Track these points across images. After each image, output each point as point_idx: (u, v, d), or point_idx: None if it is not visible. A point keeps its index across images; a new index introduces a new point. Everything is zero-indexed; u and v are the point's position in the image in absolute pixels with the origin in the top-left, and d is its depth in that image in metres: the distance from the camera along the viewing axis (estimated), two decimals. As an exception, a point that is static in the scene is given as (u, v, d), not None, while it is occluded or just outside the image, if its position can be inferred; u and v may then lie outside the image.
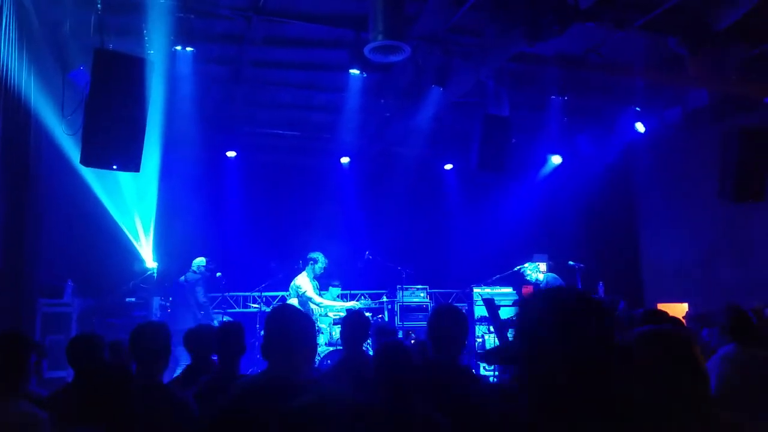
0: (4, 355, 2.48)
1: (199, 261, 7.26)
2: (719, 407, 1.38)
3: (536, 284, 7.64)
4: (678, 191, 8.97)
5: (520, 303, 1.25)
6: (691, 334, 1.50)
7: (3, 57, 4.27)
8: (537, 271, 7.60)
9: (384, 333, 3.32)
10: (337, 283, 7.72)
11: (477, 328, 8.17)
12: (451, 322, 2.55)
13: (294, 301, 7.01)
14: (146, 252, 7.34)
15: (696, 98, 7.31)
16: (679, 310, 6.97)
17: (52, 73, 5.25)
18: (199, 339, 3.05)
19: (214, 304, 7.86)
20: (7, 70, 4.36)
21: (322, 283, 7.39)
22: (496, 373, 5.18)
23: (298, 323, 2.03)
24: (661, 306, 7.94)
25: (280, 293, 8.00)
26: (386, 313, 8.28)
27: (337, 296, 7.65)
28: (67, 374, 5.48)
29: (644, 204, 9.85)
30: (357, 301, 8.49)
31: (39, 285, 5.51)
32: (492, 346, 7.59)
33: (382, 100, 7.71)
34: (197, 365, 3.04)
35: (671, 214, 9.13)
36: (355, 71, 5.93)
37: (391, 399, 2.05)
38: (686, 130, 7.94)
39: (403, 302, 8.06)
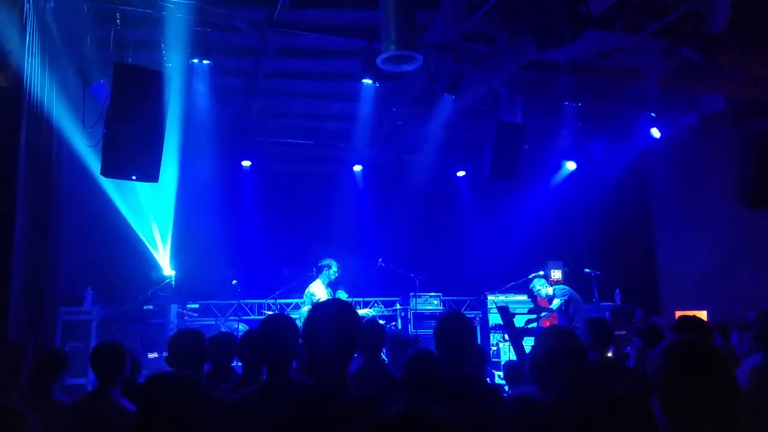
0: None
1: None
2: (751, 419, 1.37)
3: (549, 298, 7.53)
4: (694, 197, 8.86)
5: None
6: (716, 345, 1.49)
7: (26, 71, 4.38)
8: (545, 285, 7.50)
9: (401, 342, 3.33)
10: (342, 288, 7.74)
11: (491, 336, 8.12)
12: (457, 331, 2.51)
13: (308, 309, 7.04)
14: (164, 260, 7.45)
15: (711, 103, 7.23)
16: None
17: (73, 87, 5.38)
18: (221, 346, 3.09)
19: (229, 312, 7.94)
20: (30, 84, 4.47)
21: (332, 289, 7.42)
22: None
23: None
24: (679, 314, 7.85)
25: (294, 300, 8.04)
26: (399, 320, 8.27)
27: None
28: (87, 381, 5.57)
29: (660, 210, 9.75)
30: (370, 308, 8.49)
31: (59, 293, 5.62)
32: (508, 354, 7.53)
33: (395, 109, 7.75)
34: (217, 372, 3.07)
35: (688, 220, 9.01)
36: (367, 81, 5.99)
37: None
38: (702, 135, 7.86)
39: (416, 310, 8.05)
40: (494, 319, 7.95)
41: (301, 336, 1.92)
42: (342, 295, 7.47)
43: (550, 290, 7.40)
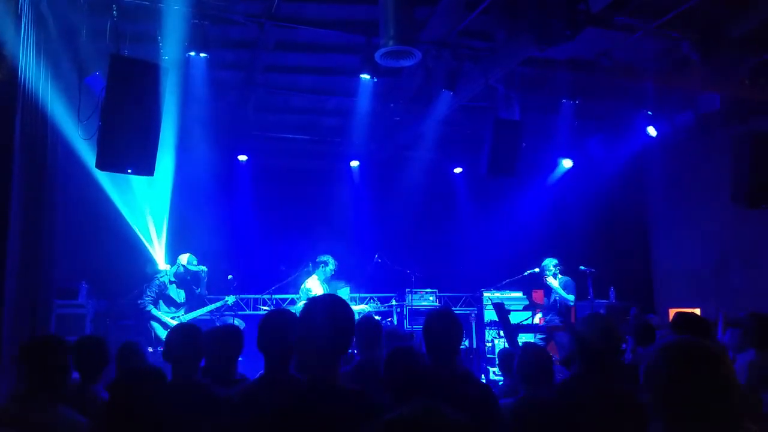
0: (43, 361, 2.43)
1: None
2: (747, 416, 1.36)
3: (548, 288, 7.49)
4: (690, 195, 8.91)
5: None
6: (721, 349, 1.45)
7: (21, 62, 4.34)
8: (557, 270, 7.28)
9: (397, 338, 3.34)
10: (345, 283, 7.73)
11: (487, 332, 8.15)
12: (443, 327, 2.50)
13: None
14: (159, 254, 7.42)
15: (708, 102, 7.25)
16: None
17: (68, 79, 5.33)
18: (221, 341, 3.06)
19: (224, 307, 7.91)
20: (25, 76, 4.43)
21: (332, 285, 7.41)
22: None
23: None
24: (674, 311, 7.90)
25: (290, 296, 8.04)
26: (395, 316, 8.28)
27: (348, 299, 7.66)
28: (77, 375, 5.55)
29: (656, 208, 9.79)
30: (366, 304, 8.51)
31: (54, 286, 5.60)
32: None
33: (392, 104, 7.74)
34: (217, 368, 3.05)
35: (683, 219, 9.06)
36: (365, 76, 5.97)
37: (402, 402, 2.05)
38: (698, 134, 7.89)
39: (412, 306, 8.06)
40: (490, 315, 7.97)
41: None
42: (345, 291, 7.48)
43: (556, 283, 7.25)
